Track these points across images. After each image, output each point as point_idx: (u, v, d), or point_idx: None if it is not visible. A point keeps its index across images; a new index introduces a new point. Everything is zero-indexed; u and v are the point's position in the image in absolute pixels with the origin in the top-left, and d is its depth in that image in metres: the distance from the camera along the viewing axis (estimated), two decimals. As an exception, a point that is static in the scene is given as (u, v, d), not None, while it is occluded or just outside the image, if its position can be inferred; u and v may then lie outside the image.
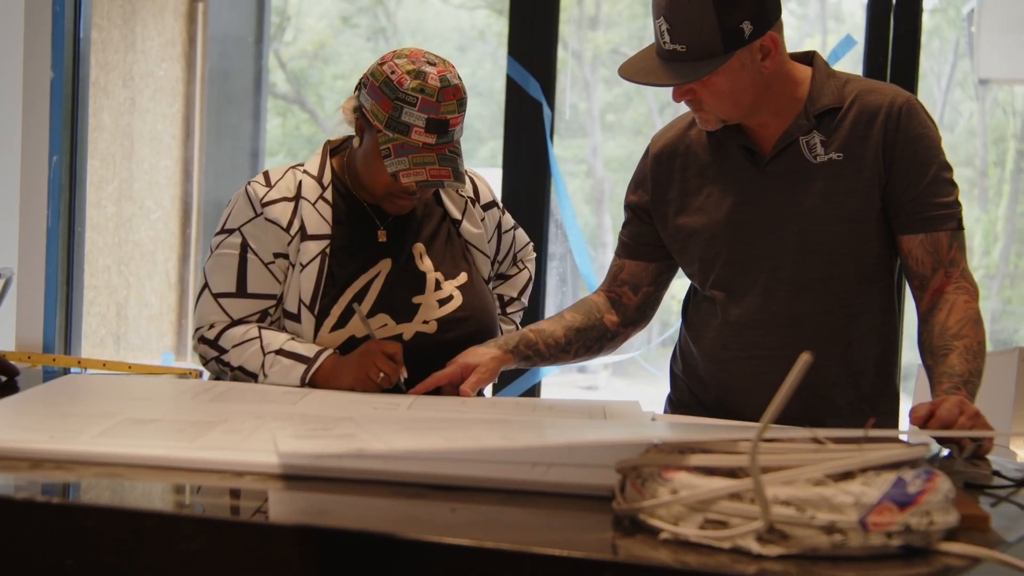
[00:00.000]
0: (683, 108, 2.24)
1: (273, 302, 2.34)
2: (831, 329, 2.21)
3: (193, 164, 5.85)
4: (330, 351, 2.24)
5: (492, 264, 2.57)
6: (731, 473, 1.28)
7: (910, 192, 2.16)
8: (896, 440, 1.39)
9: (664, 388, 2.50)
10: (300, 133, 11.19)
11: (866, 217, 2.18)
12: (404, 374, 2.21)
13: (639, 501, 1.31)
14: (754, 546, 1.21)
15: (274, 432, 1.49)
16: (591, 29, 10.74)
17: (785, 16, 2.13)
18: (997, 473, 1.70)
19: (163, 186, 5.67)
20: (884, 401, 2.29)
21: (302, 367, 2.21)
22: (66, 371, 4.54)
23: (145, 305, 5.59)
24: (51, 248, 4.54)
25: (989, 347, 2.15)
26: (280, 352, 2.25)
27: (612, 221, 9.61)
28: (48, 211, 4.48)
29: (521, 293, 2.67)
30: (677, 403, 2.42)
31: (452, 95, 2.23)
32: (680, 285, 2.47)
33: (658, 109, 13.10)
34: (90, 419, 1.69)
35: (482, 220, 2.52)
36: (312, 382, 2.21)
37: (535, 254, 2.74)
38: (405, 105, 2.21)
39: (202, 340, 2.34)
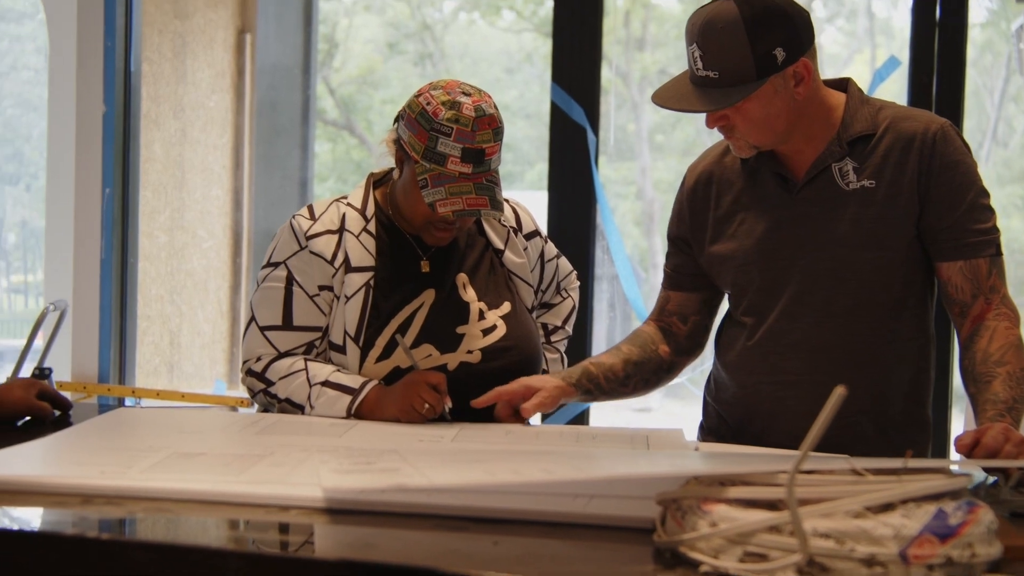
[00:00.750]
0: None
1: (319, 334, 2.37)
2: (858, 356, 2.20)
3: (243, 193, 5.91)
4: (375, 382, 2.26)
5: (536, 293, 2.57)
6: (770, 505, 1.29)
7: (947, 219, 2.15)
8: (937, 470, 1.38)
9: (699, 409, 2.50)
10: (350, 158, 11.28)
11: (897, 245, 2.18)
12: (448, 404, 2.23)
13: (679, 534, 1.31)
14: (794, 579, 1.21)
15: (318, 466, 1.51)
16: (638, 50, 10.76)
17: (833, 32, 2.14)
18: (1042, 501, 1.69)
19: (214, 215, 5.74)
20: (913, 429, 2.27)
21: (348, 398, 2.24)
22: (121, 401, 4.61)
23: (198, 334, 5.65)
24: (105, 279, 4.60)
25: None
26: (326, 384, 2.27)
27: (662, 242, 9.60)
28: (102, 242, 4.54)
29: (565, 322, 2.68)
30: (707, 429, 2.42)
31: (487, 124, 2.24)
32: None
33: (707, 130, 13.09)
34: (139, 453, 1.72)
35: (524, 250, 2.53)
36: (358, 413, 2.23)
37: (579, 282, 2.75)
38: (440, 135, 2.23)
39: (249, 373, 2.37)
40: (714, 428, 2.39)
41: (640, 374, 2.39)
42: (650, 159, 10.32)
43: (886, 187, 2.17)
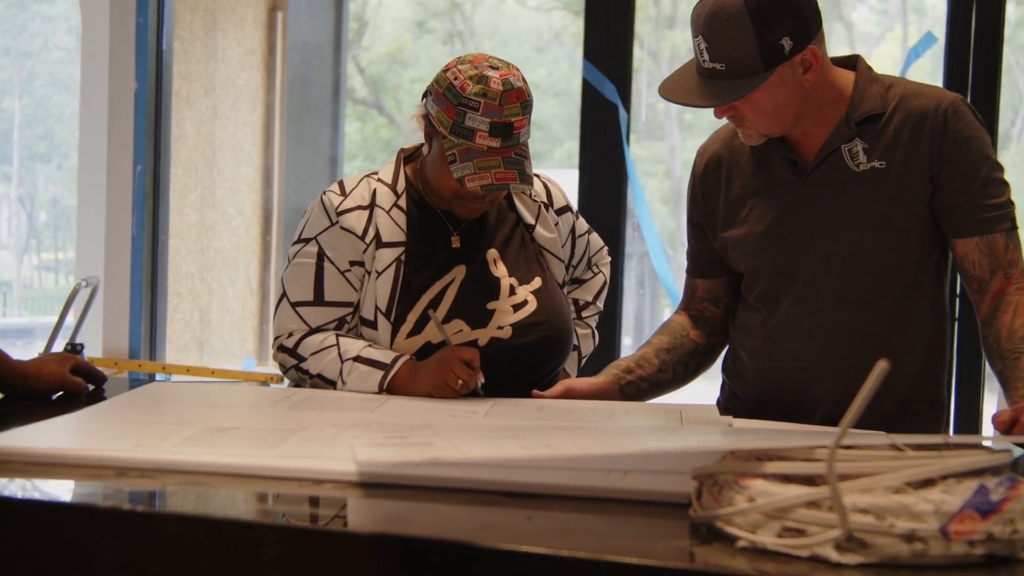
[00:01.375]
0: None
1: (350, 310, 2.36)
2: (872, 339, 2.18)
3: (273, 171, 5.92)
4: (407, 357, 2.26)
5: (567, 268, 2.56)
6: (808, 480, 1.28)
7: (962, 195, 2.13)
8: (977, 446, 1.37)
9: (719, 384, 2.49)
10: (379, 137, 11.28)
11: (910, 225, 2.15)
12: (481, 379, 2.22)
13: (715, 509, 1.30)
14: (833, 555, 1.19)
15: (351, 440, 1.50)
16: (668, 28, 10.70)
17: (865, 12, 2.11)
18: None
19: (244, 193, 5.75)
20: (929, 409, 2.26)
21: (380, 373, 2.23)
22: (151, 377, 4.63)
23: (227, 311, 5.67)
24: (136, 256, 4.62)
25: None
26: (358, 359, 2.26)
27: (689, 221, 9.54)
28: (133, 220, 4.56)
29: (596, 297, 2.67)
30: (725, 407, 2.40)
31: (515, 98, 2.22)
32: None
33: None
34: (173, 427, 1.72)
35: (556, 225, 2.52)
36: (390, 388, 2.23)
37: (609, 258, 2.73)
38: (468, 110, 2.22)
39: (281, 348, 2.37)
40: (731, 407, 2.38)
41: (676, 361, 2.38)
42: (679, 138, 10.28)
43: (898, 167, 2.14)
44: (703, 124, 11.47)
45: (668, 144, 9.92)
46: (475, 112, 2.21)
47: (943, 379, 2.25)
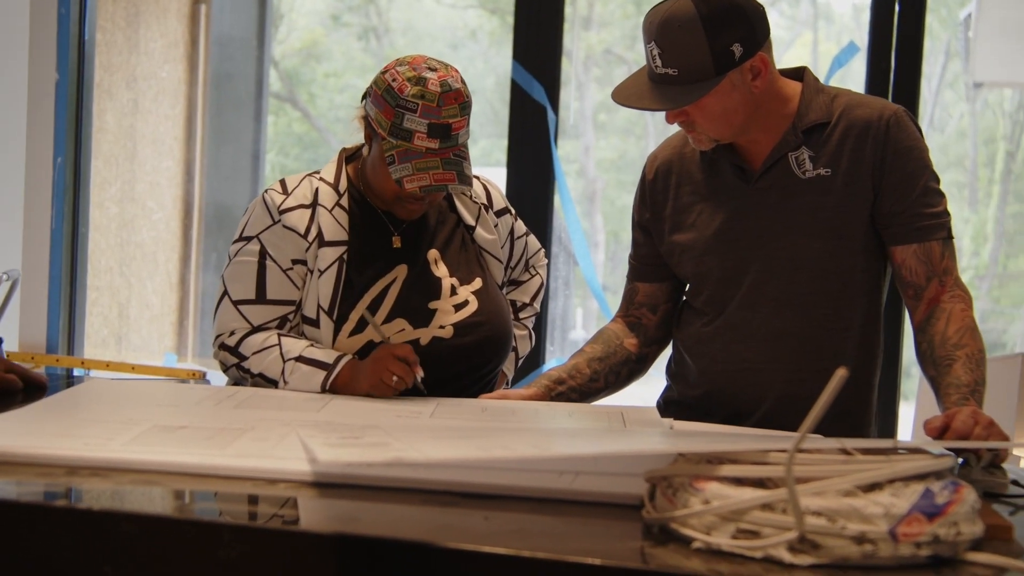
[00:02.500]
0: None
1: (292, 308, 2.37)
2: (814, 344, 2.25)
3: (195, 165, 5.86)
4: (349, 357, 2.27)
5: (505, 270, 2.59)
6: (759, 483, 1.31)
7: (901, 203, 2.19)
8: (921, 451, 1.41)
9: (658, 387, 2.54)
10: (292, 131, 11.21)
11: (854, 233, 2.22)
12: (420, 374, 2.23)
13: (670, 511, 1.33)
14: (786, 556, 1.23)
15: (306, 441, 1.51)
16: (584, 29, 10.78)
17: (775, 17, 2.17)
18: (1015, 483, 1.73)
19: (165, 187, 5.69)
20: (862, 412, 2.33)
21: (322, 374, 2.24)
22: (69, 372, 4.56)
23: (146, 306, 5.60)
24: (55, 249, 4.55)
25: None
26: (300, 359, 2.27)
27: (604, 221, 9.65)
28: (52, 212, 4.49)
29: (533, 299, 2.71)
30: (667, 409, 2.44)
31: (453, 99, 2.25)
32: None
33: (649, 111, 13.14)
34: (119, 426, 1.72)
35: (495, 226, 2.55)
36: (332, 388, 2.23)
37: (546, 260, 2.77)
38: (406, 112, 2.23)
39: (222, 347, 2.37)
40: (672, 407, 2.42)
41: (607, 369, 2.42)
42: (594, 138, 10.36)
43: (842, 175, 2.21)
44: (617, 124, 11.55)
45: (582, 144, 9.99)
46: (413, 113, 2.23)
47: (874, 383, 2.32)
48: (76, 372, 4.56)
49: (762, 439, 1.56)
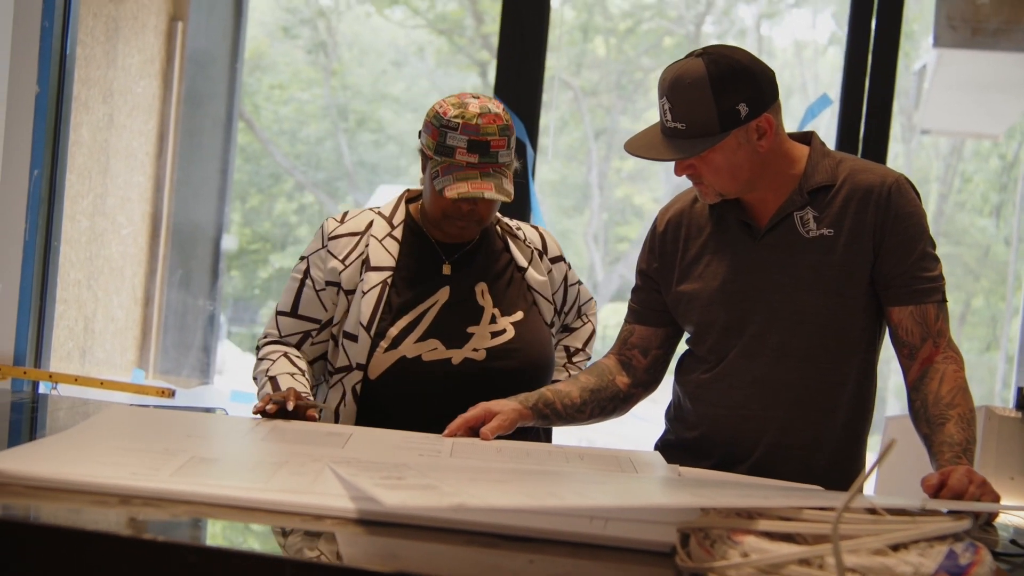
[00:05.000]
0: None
1: (316, 326, 2.60)
2: (809, 395, 2.35)
3: (165, 181, 5.89)
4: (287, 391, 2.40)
5: (559, 315, 2.77)
6: (788, 538, 1.41)
7: (900, 266, 2.31)
8: (938, 513, 1.51)
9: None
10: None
11: (853, 292, 2.32)
12: (290, 406, 2.32)
13: (708, 561, 1.42)
14: (822, 608, 1.32)
15: (359, 482, 1.58)
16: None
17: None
18: (1014, 542, 1.83)
19: (135, 202, 5.71)
20: (853, 465, 2.42)
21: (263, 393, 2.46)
22: (35, 385, 4.57)
23: (111, 320, 5.61)
24: (27, 262, 4.55)
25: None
26: (272, 379, 2.48)
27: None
28: (26, 225, 4.50)
29: (586, 344, 2.88)
30: (663, 446, 2.54)
31: (492, 120, 2.45)
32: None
33: (593, 135, 13.27)
34: (159, 456, 1.77)
35: (548, 272, 2.72)
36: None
37: (597, 308, 2.94)
38: (449, 130, 2.44)
39: (257, 348, 2.64)
40: (671, 450, 2.51)
41: (596, 402, 2.51)
42: (536, 160, 10.44)
43: (845, 235, 2.32)
44: (560, 149, 11.64)
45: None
46: (455, 132, 2.43)
47: (865, 438, 2.42)
48: (44, 385, 4.58)
49: (784, 493, 1.65)
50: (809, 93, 12.72)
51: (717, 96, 2.21)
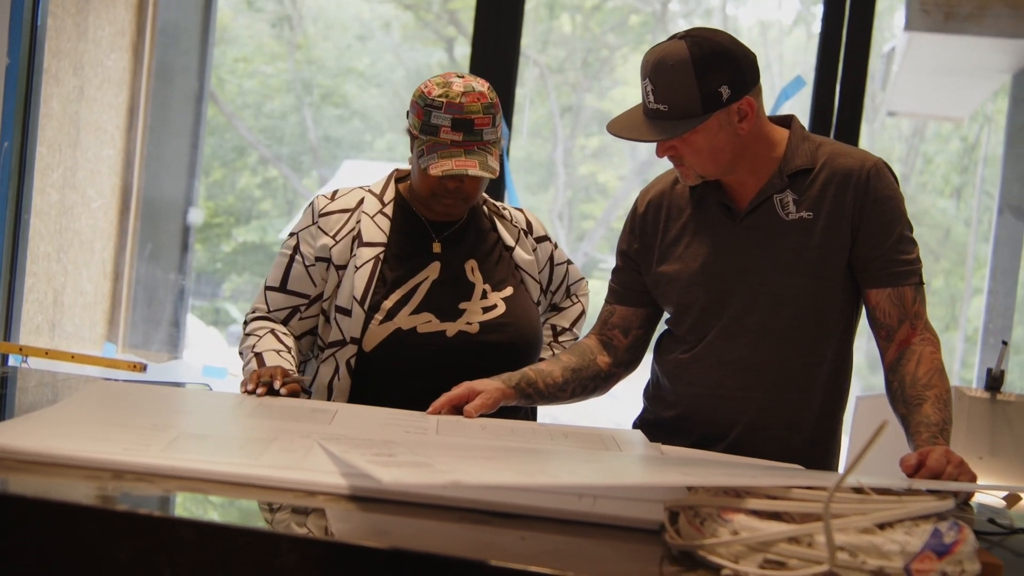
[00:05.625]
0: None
1: (304, 301, 2.62)
2: (788, 376, 2.38)
3: (135, 155, 5.86)
4: (274, 366, 2.44)
5: (545, 294, 2.80)
6: (775, 516, 1.43)
7: (878, 249, 2.34)
8: (920, 492, 1.54)
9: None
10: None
11: (831, 273, 2.35)
12: (282, 389, 2.34)
13: (698, 538, 1.44)
14: (811, 585, 1.35)
15: (353, 459, 1.59)
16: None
17: (686, 27, 2.32)
18: (992, 521, 1.87)
19: (105, 176, 5.68)
20: (830, 443, 2.47)
21: (248, 369, 2.48)
22: (4, 358, 4.55)
23: (80, 293, 5.59)
24: (-3, 234, 4.54)
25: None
26: (257, 355, 2.49)
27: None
28: (-4, 196, 4.48)
29: (573, 324, 2.90)
30: (641, 425, 2.57)
31: (476, 99, 2.47)
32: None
33: (559, 112, 13.29)
34: (149, 432, 1.78)
35: (533, 250, 2.75)
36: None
37: (588, 289, 2.95)
38: (433, 109, 2.46)
39: (244, 322, 2.65)
40: (649, 429, 2.54)
41: (578, 381, 2.53)
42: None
43: (824, 219, 2.35)
44: (525, 126, 11.69)
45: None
46: (439, 111, 2.46)
47: (841, 417, 2.46)
48: (14, 358, 4.55)
49: (769, 472, 1.68)
50: (774, 73, 12.79)
51: (699, 78, 2.23)
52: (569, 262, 2.89)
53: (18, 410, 2.18)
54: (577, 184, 13.94)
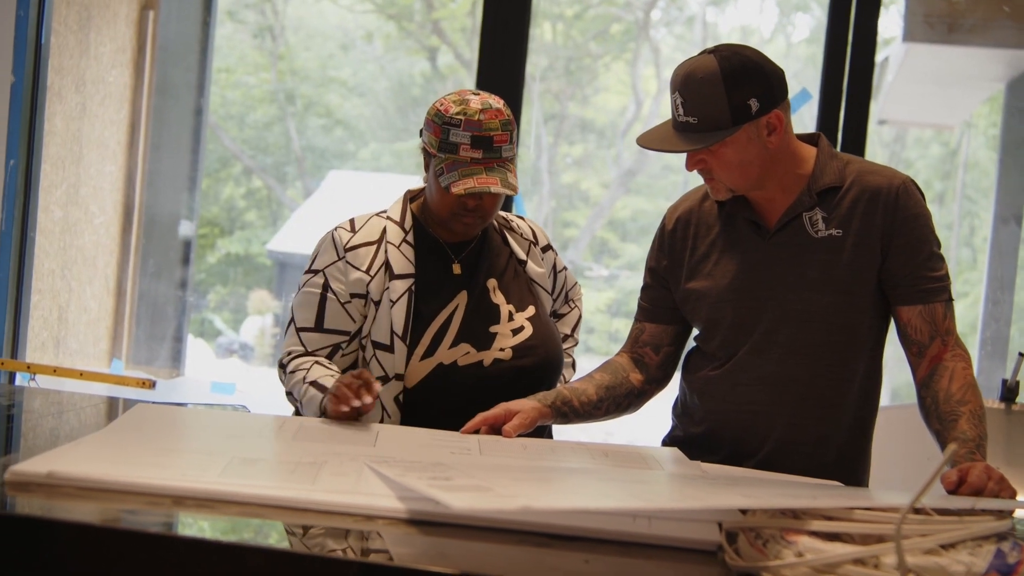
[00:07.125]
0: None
1: (345, 338, 2.57)
2: (818, 392, 2.39)
3: (136, 171, 5.86)
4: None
5: (553, 302, 2.81)
6: (835, 537, 1.45)
7: (908, 267, 2.36)
8: (983, 511, 1.56)
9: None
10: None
11: (860, 290, 2.37)
12: (376, 391, 2.28)
13: (762, 560, 1.46)
14: (878, 606, 1.37)
15: (405, 480, 1.61)
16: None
17: (667, 38, 2.36)
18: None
19: (107, 192, 5.68)
20: (860, 459, 2.49)
21: (320, 396, 2.39)
22: (12, 376, 4.54)
23: (84, 310, 5.59)
24: (3, 252, 4.53)
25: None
26: (314, 383, 2.43)
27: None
28: (3, 215, 4.47)
29: (574, 330, 2.91)
30: (671, 442, 2.58)
31: (494, 115, 2.47)
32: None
33: (543, 120, 13.31)
34: (203, 457, 1.79)
35: (542, 260, 2.76)
36: (324, 410, 2.36)
37: (583, 293, 2.97)
38: (452, 127, 2.46)
39: (280, 366, 2.57)
40: (679, 446, 2.55)
41: (612, 398, 2.54)
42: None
43: (853, 236, 2.37)
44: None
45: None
46: (457, 128, 2.45)
47: (871, 433, 2.47)
48: (22, 376, 4.54)
49: (827, 492, 1.69)
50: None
51: (729, 91, 2.26)
52: (565, 268, 2.90)
53: (37, 433, 2.19)
54: (559, 192, 13.95)
